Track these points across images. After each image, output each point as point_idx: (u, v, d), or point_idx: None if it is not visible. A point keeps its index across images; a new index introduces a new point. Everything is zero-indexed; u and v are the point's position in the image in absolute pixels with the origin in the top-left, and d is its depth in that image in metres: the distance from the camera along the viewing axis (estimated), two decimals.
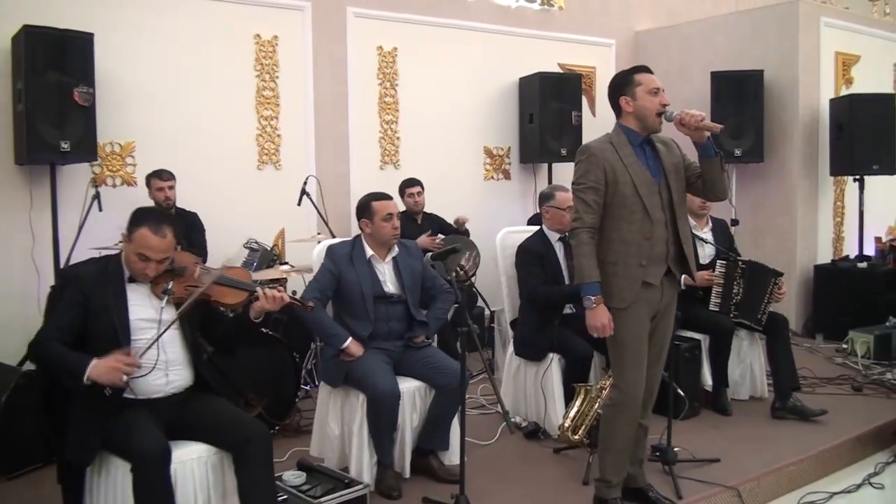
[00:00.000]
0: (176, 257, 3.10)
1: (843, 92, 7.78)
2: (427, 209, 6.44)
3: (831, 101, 7.60)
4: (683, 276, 3.54)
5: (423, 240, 5.97)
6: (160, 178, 5.42)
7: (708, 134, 3.33)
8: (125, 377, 2.78)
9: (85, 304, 2.94)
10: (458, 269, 5.95)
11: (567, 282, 4.55)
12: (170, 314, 3.03)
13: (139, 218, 3.02)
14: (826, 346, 6.89)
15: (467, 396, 4.91)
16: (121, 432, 2.84)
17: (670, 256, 3.43)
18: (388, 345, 3.97)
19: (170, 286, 3.01)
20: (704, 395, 5.02)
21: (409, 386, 3.90)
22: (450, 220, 6.48)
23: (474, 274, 6.12)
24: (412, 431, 3.91)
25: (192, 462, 2.97)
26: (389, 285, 4.04)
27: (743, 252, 5.80)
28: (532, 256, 4.60)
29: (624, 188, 3.34)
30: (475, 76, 7.40)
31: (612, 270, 3.36)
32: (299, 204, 5.68)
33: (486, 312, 6.35)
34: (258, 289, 3.16)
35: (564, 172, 7.41)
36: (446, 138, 7.25)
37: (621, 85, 3.46)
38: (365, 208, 4.05)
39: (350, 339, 3.86)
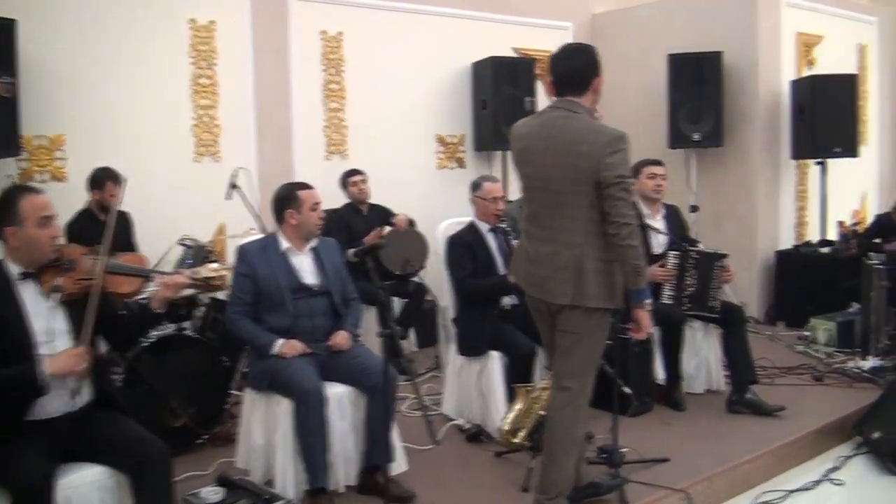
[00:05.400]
0: (62, 251, 2.86)
1: (805, 73, 7.61)
2: (377, 201, 6.18)
3: (792, 82, 7.44)
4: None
5: (372, 237, 5.75)
6: (116, 182, 4.96)
7: None
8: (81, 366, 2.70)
9: None
10: (406, 262, 5.77)
11: (502, 273, 4.38)
12: (61, 316, 2.80)
13: (10, 198, 2.80)
14: (788, 334, 6.74)
15: (411, 397, 4.77)
16: (4, 460, 2.60)
17: None
18: (314, 346, 3.71)
19: (59, 282, 2.77)
20: (658, 389, 4.84)
21: (337, 392, 3.64)
22: (397, 210, 6.21)
23: (422, 268, 5.89)
24: (346, 442, 3.64)
25: (85, 487, 2.73)
26: (308, 276, 3.80)
27: (703, 238, 5.66)
28: (461, 248, 4.43)
29: None
30: (426, 61, 7.14)
31: (615, 269, 3.15)
32: (228, 198, 5.40)
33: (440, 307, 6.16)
34: (154, 274, 2.97)
35: None
36: (396, 126, 6.98)
37: (598, 62, 3.20)
38: (290, 198, 3.82)
39: (280, 341, 3.64)
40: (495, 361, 4.26)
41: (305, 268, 3.83)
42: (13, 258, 2.81)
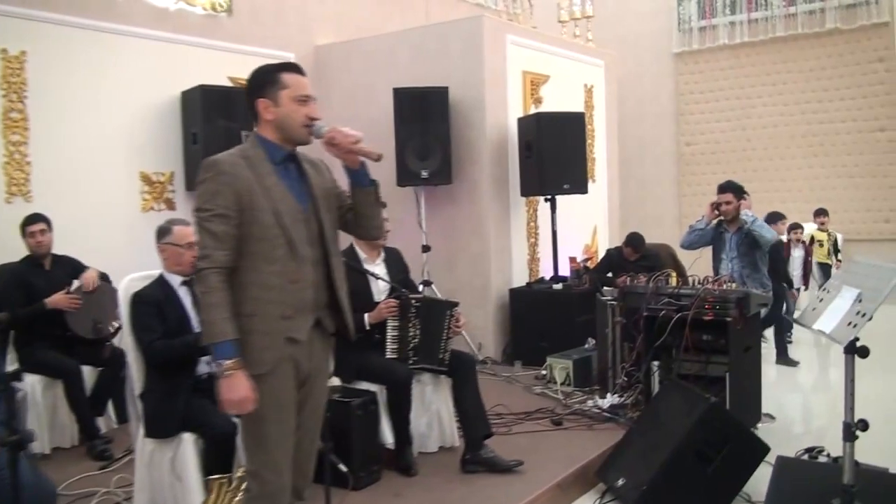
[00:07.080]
0: None
1: (533, 111, 7.61)
2: (69, 249, 5.21)
3: (519, 119, 7.41)
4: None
5: (58, 298, 4.86)
6: None
7: (362, 159, 2.75)
8: None
9: None
10: (95, 324, 4.94)
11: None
12: None
13: None
14: (525, 374, 6.59)
15: (102, 490, 4.00)
16: None
17: (321, 304, 2.76)
18: None
19: None
20: (386, 454, 4.36)
21: None
22: (89, 262, 5.27)
23: (118, 329, 5.04)
24: None
25: None
26: None
27: (436, 278, 5.34)
28: (147, 306, 3.74)
29: (263, 216, 2.62)
30: (128, 88, 6.29)
31: (247, 325, 2.59)
32: None
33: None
34: None
35: None
36: (93, 163, 6.05)
37: (261, 84, 2.73)
38: None
39: None
40: (188, 445, 3.55)
41: None
42: None
